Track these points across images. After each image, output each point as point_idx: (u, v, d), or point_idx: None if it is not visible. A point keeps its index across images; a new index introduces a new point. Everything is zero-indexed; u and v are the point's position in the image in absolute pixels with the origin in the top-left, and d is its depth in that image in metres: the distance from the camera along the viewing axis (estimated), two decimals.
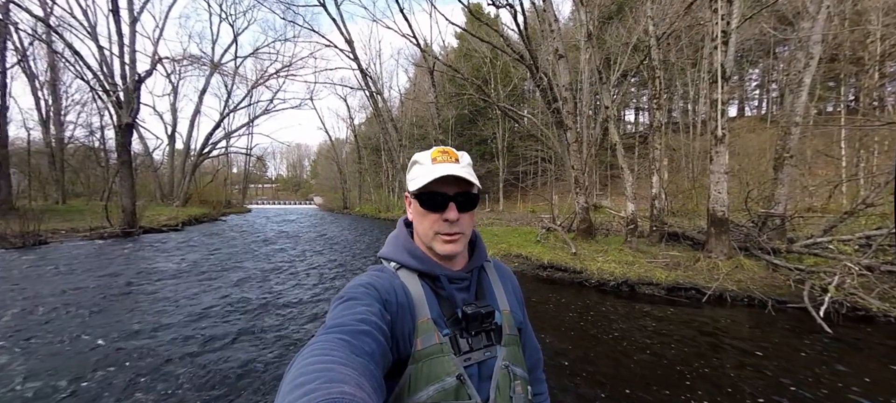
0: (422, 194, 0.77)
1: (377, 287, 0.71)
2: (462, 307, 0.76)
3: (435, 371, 0.68)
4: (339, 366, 0.46)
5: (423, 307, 0.74)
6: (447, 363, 0.69)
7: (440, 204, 0.76)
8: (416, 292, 0.76)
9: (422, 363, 0.68)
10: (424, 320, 0.72)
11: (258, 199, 66.06)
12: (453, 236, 0.77)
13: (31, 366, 3.45)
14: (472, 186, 0.77)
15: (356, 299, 0.66)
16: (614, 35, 18.03)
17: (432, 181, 0.74)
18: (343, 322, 0.59)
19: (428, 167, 0.77)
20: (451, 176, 0.75)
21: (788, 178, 6.93)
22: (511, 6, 12.16)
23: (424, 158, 0.79)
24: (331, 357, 0.48)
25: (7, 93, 15.64)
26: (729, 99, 6.98)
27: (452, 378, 0.68)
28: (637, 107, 30.51)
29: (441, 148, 0.80)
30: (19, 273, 7.28)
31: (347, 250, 11.48)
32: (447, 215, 0.76)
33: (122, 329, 4.42)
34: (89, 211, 16.49)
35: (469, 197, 0.78)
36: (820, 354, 3.76)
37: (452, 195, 0.76)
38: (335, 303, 0.67)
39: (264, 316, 4.99)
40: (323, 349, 0.50)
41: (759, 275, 5.78)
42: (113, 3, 14.48)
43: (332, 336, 0.55)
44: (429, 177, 0.75)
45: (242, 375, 3.37)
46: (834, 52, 14.37)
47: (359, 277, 0.75)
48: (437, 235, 0.77)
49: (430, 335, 0.71)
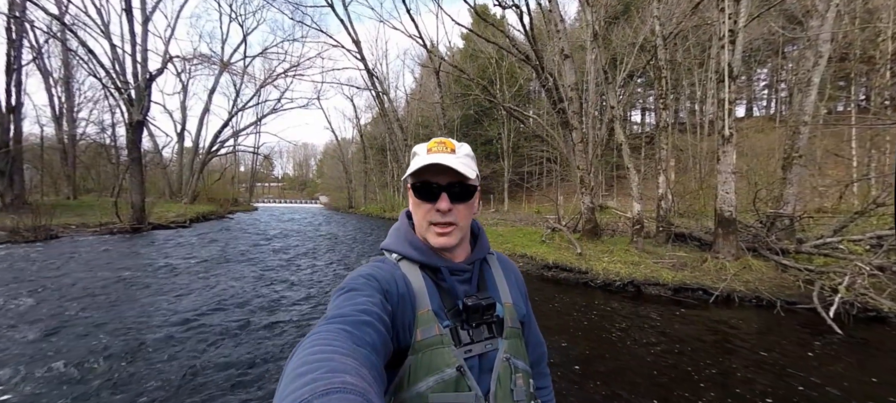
0: (415, 184, 0.77)
1: (378, 277, 0.71)
2: (463, 299, 0.76)
3: (435, 363, 0.68)
4: (341, 356, 0.46)
5: (423, 298, 0.74)
6: (447, 354, 0.69)
7: (433, 194, 0.76)
8: (416, 283, 0.75)
9: (422, 353, 0.68)
10: (425, 311, 0.72)
11: (264, 198, 66.59)
12: (446, 228, 0.77)
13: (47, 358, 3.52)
14: (468, 177, 0.76)
15: (357, 290, 0.67)
16: (620, 35, 17.94)
17: (422, 168, 0.74)
18: (344, 312, 0.59)
19: (423, 157, 0.77)
20: (441, 165, 0.74)
21: (798, 178, 6.86)
22: (517, 7, 12.15)
23: (422, 149, 0.79)
24: (332, 348, 0.48)
25: (22, 90, 15.93)
26: (736, 98, 6.92)
27: (452, 370, 0.68)
28: (643, 108, 30.31)
29: (439, 139, 0.80)
30: (30, 264, 7.43)
31: (353, 249, 11.55)
32: (439, 205, 0.76)
33: (130, 321, 4.50)
34: (99, 206, 16.75)
35: (464, 187, 0.77)
36: (830, 355, 3.72)
37: (445, 185, 0.76)
38: (336, 294, 0.67)
39: (269, 311, 5.05)
40: (324, 339, 0.50)
41: (768, 276, 5.72)
42: (126, 3, 14.72)
43: (334, 326, 0.55)
44: (419, 165, 0.75)
45: (249, 366, 3.42)
46: (844, 51, 14.15)
47: (360, 268, 0.75)
48: (431, 226, 0.78)
49: (431, 326, 0.71)
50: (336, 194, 46.85)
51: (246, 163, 49.44)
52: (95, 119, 26.05)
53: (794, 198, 6.79)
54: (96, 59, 14.51)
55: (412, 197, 0.80)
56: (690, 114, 22.07)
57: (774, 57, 22.13)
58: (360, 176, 39.60)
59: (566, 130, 10.43)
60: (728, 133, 6.61)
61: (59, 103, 23.29)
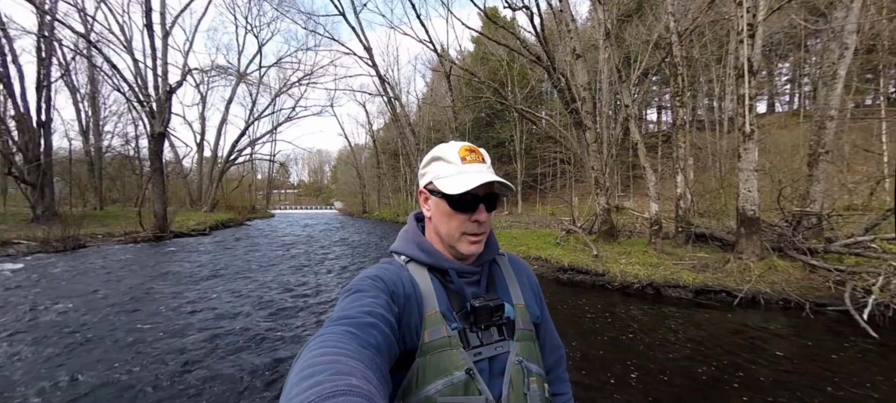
0: (451, 194, 0.75)
1: (384, 278, 0.71)
2: (471, 300, 0.75)
3: (443, 365, 0.67)
4: (346, 358, 0.46)
5: (431, 300, 0.73)
6: (455, 357, 0.68)
7: (471, 205, 0.76)
8: (424, 285, 0.75)
9: (429, 356, 0.67)
10: (432, 313, 0.72)
11: (281, 204, 67.86)
12: (479, 236, 0.77)
13: (71, 363, 3.65)
14: (503, 187, 0.78)
15: (363, 291, 0.66)
16: (634, 33, 17.65)
17: (474, 187, 0.73)
18: (350, 314, 0.59)
19: (458, 167, 0.76)
20: (489, 182, 0.74)
21: (824, 175, 6.59)
22: (527, 8, 12.11)
23: (451, 155, 0.78)
24: (338, 349, 0.48)
25: (51, 106, 16.70)
26: (756, 94, 6.72)
27: (461, 373, 0.66)
28: (659, 106, 29.68)
29: (468, 145, 0.79)
30: (61, 273, 7.74)
31: (367, 254, 11.64)
32: (477, 216, 0.75)
33: (155, 326, 4.63)
34: (124, 216, 17.38)
35: (493, 196, 0.79)
36: (864, 359, 3.54)
37: (483, 196, 0.76)
38: (343, 296, 0.67)
39: (287, 316, 5.11)
40: (330, 341, 0.51)
41: (795, 277, 5.50)
42: (147, 19, 15.28)
43: (339, 328, 0.55)
44: (467, 182, 0.73)
45: (264, 370, 3.47)
46: (871, 42, 13.58)
47: (367, 270, 0.75)
48: (464, 236, 0.77)
49: (438, 328, 0.70)
50: (350, 199, 47.36)
51: (263, 170, 50.58)
52: (120, 131, 27.06)
53: (822, 195, 6.52)
54: (120, 74, 15.10)
55: (445, 206, 0.77)
56: (708, 111, 21.51)
57: (797, 50, 21.39)
58: (373, 181, 39.99)
59: (579, 130, 10.32)
60: (749, 129, 6.41)
61: (86, 117, 24.34)
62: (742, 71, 6.39)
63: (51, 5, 15.41)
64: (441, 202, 0.78)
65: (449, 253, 0.80)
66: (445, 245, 0.80)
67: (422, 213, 0.88)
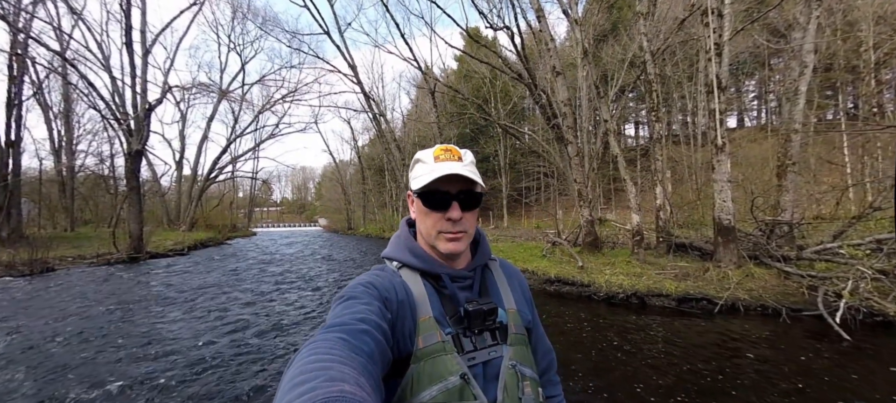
0: (425, 193, 0.76)
1: (377, 285, 0.71)
2: (464, 305, 0.74)
3: (438, 371, 0.66)
4: (339, 365, 0.46)
5: (424, 305, 0.73)
6: (450, 362, 0.67)
7: (443, 202, 0.76)
8: (417, 290, 0.75)
9: (424, 361, 0.67)
10: (426, 318, 0.71)
11: (263, 222, 66.33)
12: (456, 234, 0.76)
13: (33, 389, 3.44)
14: (475, 185, 0.77)
15: (356, 298, 0.66)
16: (610, 52, 18.41)
17: (435, 179, 0.74)
18: (342, 321, 0.59)
19: (430, 165, 0.77)
20: (454, 174, 0.74)
21: (793, 185, 6.92)
22: (508, 28, 12.52)
23: (427, 156, 0.79)
24: (330, 356, 0.48)
25: (22, 125, 16.08)
26: (726, 108, 7.06)
27: (456, 378, 0.66)
28: (636, 121, 30.79)
29: (444, 146, 0.80)
30: (23, 296, 7.32)
31: (351, 272, 11.45)
32: (450, 214, 0.75)
33: (118, 352, 4.41)
34: (97, 237, 16.63)
35: (472, 195, 0.78)
36: (839, 362, 3.67)
37: (455, 193, 0.76)
38: (336, 302, 0.67)
39: (263, 334, 4.96)
40: (322, 348, 0.50)
41: (771, 283, 5.70)
42: (127, 37, 15.04)
43: (332, 334, 0.55)
44: (431, 175, 0.74)
45: (247, 392, 3.34)
46: (828, 61, 14.55)
47: (359, 276, 0.75)
48: (440, 234, 0.77)
49: (432, 333, 0.70)
50: (335, 216, 46.72)
51: (245, 188, 49.48)
52: (94, 150, 26.16)
53: (792, 204, 6.84)
54: (96, 92, 14.72)
55: (420, 205, 0.79)
56: (683, 126, 22.42)
57: (761, 68, 22.69)
58: (358, 197, 39.66)
59: (562, 145, 10.57)
60: (721, 142, 6.71)
61: (59, 136, 23.45)
62: (712, 87, 6.73)
63: (25, 23, 15.02)
64: (418, 201, 0.79)
65: (436, 255, 0.80)
66: (428, 246, 0.81)
67: (412, 219, 0.88)
